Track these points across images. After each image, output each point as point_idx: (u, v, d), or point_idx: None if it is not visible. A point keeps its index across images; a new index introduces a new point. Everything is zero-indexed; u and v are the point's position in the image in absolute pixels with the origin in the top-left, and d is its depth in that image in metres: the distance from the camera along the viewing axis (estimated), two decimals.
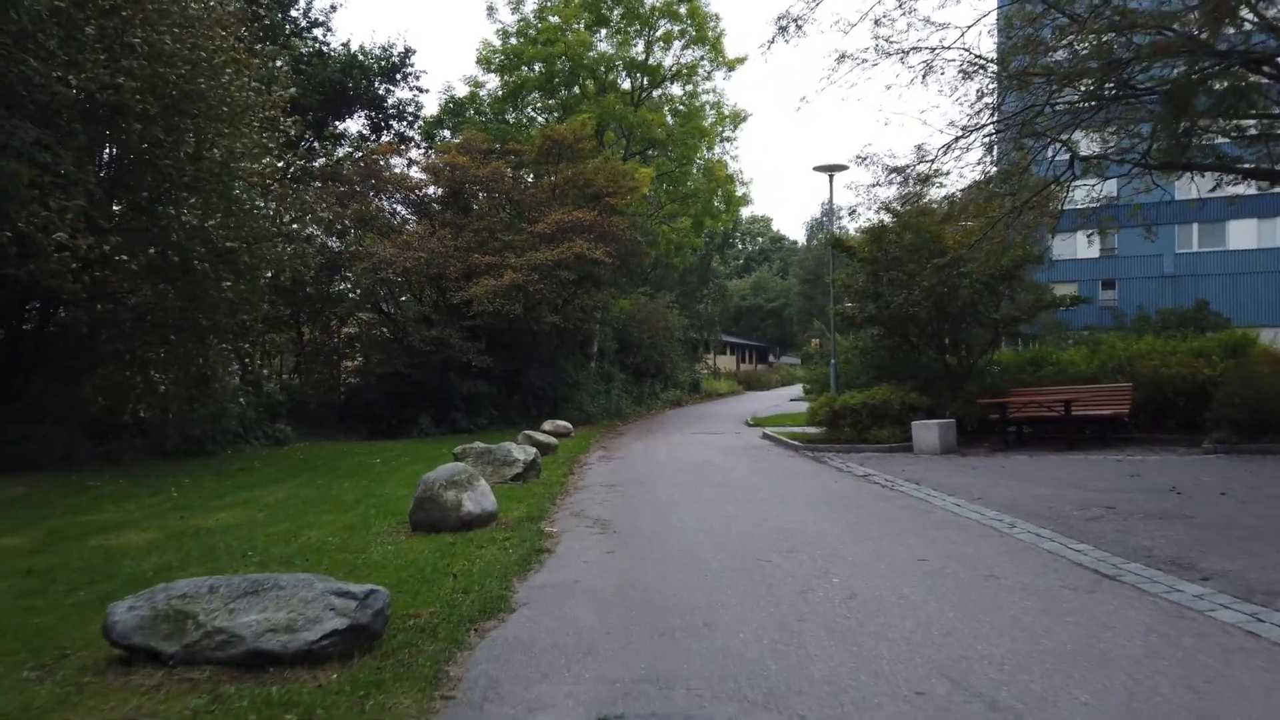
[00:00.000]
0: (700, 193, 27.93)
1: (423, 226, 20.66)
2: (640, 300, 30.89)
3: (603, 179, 21.25)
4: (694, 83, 26.98)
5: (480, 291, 18.30)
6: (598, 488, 10.02)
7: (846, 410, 13.43)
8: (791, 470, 11.32)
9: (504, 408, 21.31)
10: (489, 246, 19.70)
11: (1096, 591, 4.94)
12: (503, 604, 4.91)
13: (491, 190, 21.01)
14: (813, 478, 10.48)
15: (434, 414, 19.91)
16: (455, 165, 20.00)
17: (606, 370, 26.31)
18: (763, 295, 73.86)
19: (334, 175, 20.84)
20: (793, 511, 7.94)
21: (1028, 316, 13.82)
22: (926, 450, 12.38)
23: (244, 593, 4.05)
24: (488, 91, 26.30)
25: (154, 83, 11.71)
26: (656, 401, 29.45)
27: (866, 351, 15.33)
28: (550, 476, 10.72)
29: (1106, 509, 7.41)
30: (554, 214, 19.99)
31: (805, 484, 9.90)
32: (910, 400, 13.28)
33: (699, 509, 8.22)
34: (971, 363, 14.39)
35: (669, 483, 10.29)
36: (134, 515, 8.34)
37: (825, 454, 13.04)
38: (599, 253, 19.47)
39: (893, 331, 14.58)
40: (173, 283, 12.12)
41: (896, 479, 9.93)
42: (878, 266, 13.97)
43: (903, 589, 5.09)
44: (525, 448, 10.62)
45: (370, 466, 12.67)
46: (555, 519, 7.91)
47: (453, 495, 7.13)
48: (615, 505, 8.63)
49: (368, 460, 13.54)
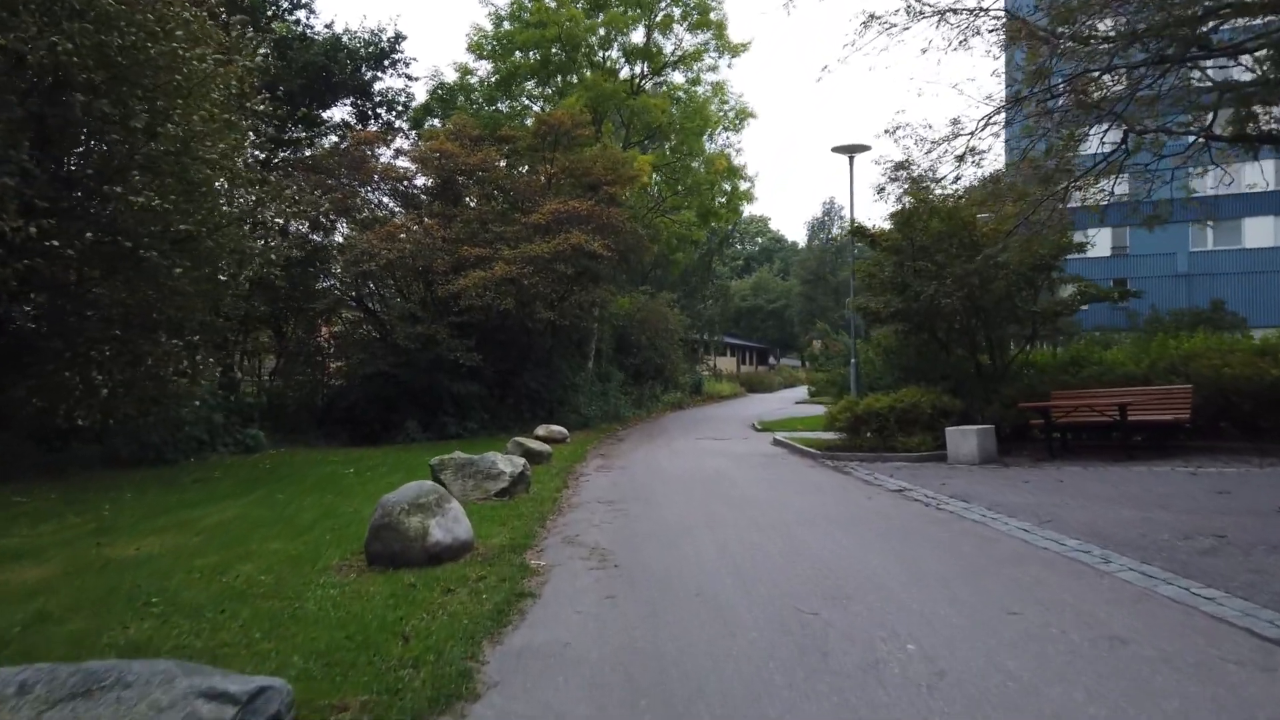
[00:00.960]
0: (703, 185, 26.62)
1: (409, 217, 19.33)
2: (640, 299, 29.58)
3: (601, 167, 19.93)
4: (696, 71, 25.70)
5: (470, 284, 16.98)
6: (595, 505, 8.71)
7: (871, 415, 12.13)
8: (815, 484, 10.01)
9: (496, 411, 19.99)
10: (480, 238, 18.38)
11: (1276, 669, 3.63)
12: (465, 685, 3.60)
13: (482, 179, 19.66)
14: (841, 493, 9.18)
15: (421, 418, 18.58)
16: (444, 153, 18.68)
17: (605, 371, 24.99)
18: (763, 296, 72.71)
19: (315, 166, 19.48)
20: (830, 539, 6.64)
21: (1070, 311, 12.52)
22: (964, 460, 11.08)
23: (71, 694, 2.74)
24: (479, 79, 24.98)
25: (100, 50, 10.42)
26: (657, 404, 28.12)
27: (891, 350, 14.01)
28: (541, 491, 9.41)
29: (1216, 538, 6.10)
30: (549, 204, 18.68)
31: (835, 501, 8.60)
32: (942, 404, 11.98)
33: (717, 535, 6.91)
34: (1006, 362, 13.10)
35: (677, 499, 8.98)
36: (44, 541, 7.01)
37: (848, 463, 11.74)
38: (597, 245, 18.16)
39: (919, 328, 13.27)
40: (117, 272, 10.80)
41: (939, 495, 8.63)
42: (904, 256, 12.66)
43: (1004, 661, 3.79)
44: (513, 458, 9.30)
45: (341, 478, 11.35)
46: (543, 547, 6.59)
47: (417, 522, 5.81)
48: (616, 529, 7.32)
49: (340, 470, 12.22)
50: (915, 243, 12.76)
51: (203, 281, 12.09)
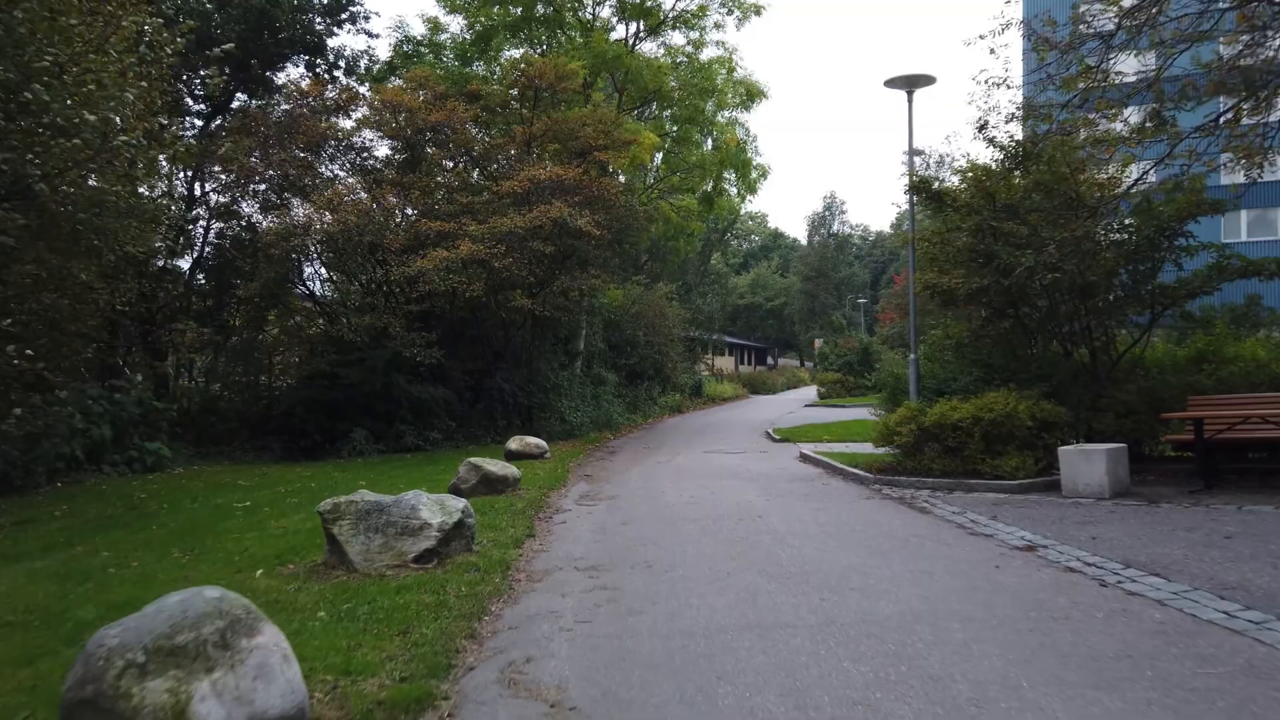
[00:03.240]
0: (708, 165, 23.51)
1: (356, 181, 16.15)
2: (636, 290, 26.45)
3: (591, 131, 16.78)
4: (700, 29, 22.58)
5: (429, 266, 13.85)
6: (568, 576, 5.60)
7: (945, 428, 9.03)
8: (893, 532, 6.91)
9: (465, 418, 16.87)
10: (442, 211, 15.23)
11: None
12: None
13: (448, 143, 16.50)
14: (942, 552, 6.08)
15: (372, 427, 15.46)
16: (398, 105, 15.51)
17: (595, 372, 21.85)
18: (762, 293, 69.70)
19: (250, 129, 16.18)
20: (1010, 692, 3.54)
21: (1206, 289, 9.46)
22: (1088, 492, 8.01)
23: None
24: (450, 36, 21.79)
25: None
26: (654, 408, 24.95)
27: (963, 343, 10.89)
28: (492, 547, 6.29)
29: None
30: (527, 169, 15.55)
31: (945, 572, 5.49)
32: (1043, 413, 8.91)
33: (780, 666, 3.80)
34: (1114, 359, 10.04)
35: (695, 566, 5.87)
36: None
37: (917, 493, 8.67)
38: (584, 221, 15.05)
39: (1000, 313, 10.18)
40: None
41: (1104, 561, 5.56)
42: (984, 218, 9.57)
43: None
44: (446, 502, 6.15)
45: (226, 516, 8.23)
46: (460, 706, 3.47)
47: (164, 691, 2.69)
48: (598, 643, 4.21)
49: (235, 502, 9.09)
50: (998, 200, 9.69)
51: (55, 255, 8.98)
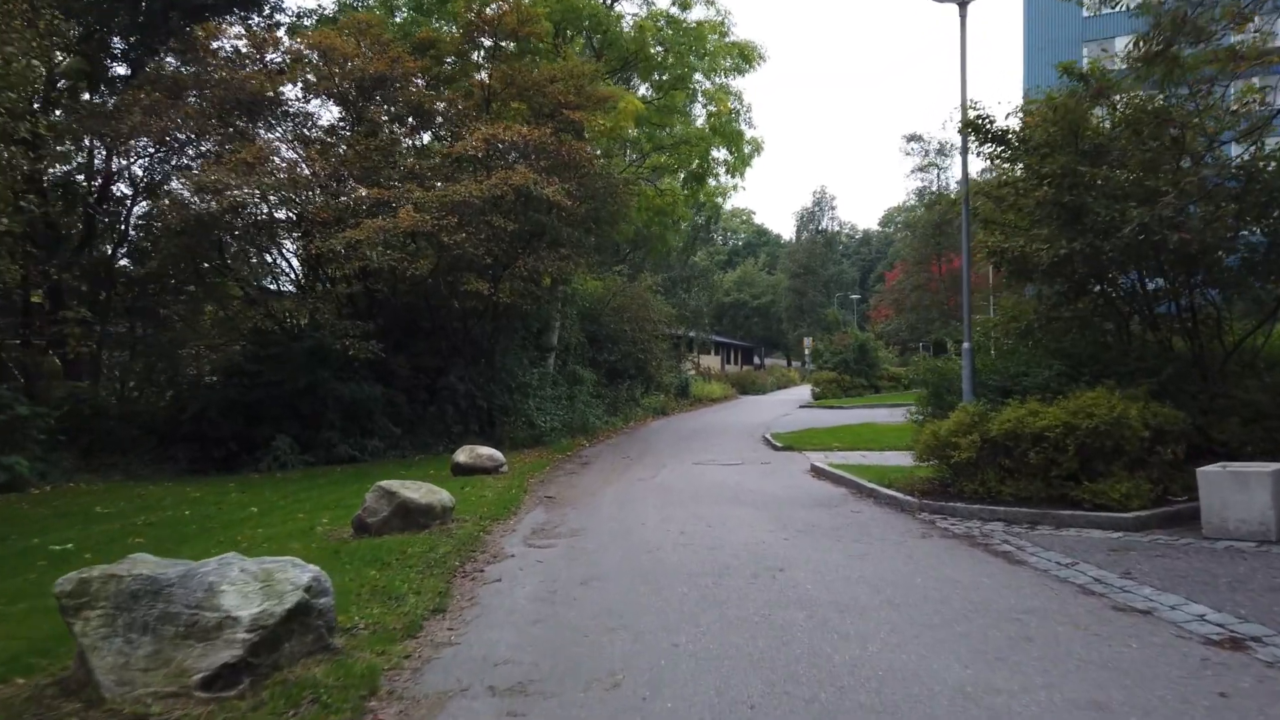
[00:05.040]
0: (695, 139, 21.10)
1: (281, 143, 13.57)
2: (617, 281, 24.01)
3: (562, 87, 14.31)
4: None
5: (361, 236, 11.32)
6: (474, 715, 3.18)
7: (1022, 438, 6.68)
8: (994, 606, 4.53)
9: (414, 424, 14.35)
10: (380, 175, 12.69)
11: None
12: None
13: (395, 98, 13.95)
14: (1095, 648, 3.71)
15: (299, 433, 12.92)
16: (328, 50, 12.95)
17: (571, 369, 19.39)
18: (748, 291, 67.43)
19: (173, 89, 13.58)
20: None
21: None
22: (1243, 532, 5.67)
23: None
24: None
25: None
26: (636, 410, 22.46)
27: (1032, 330, 8.39)
28: (358, 650, 3.85)
29: None
30: (485, 128, 13.06)
31: (1129, 705, 3.12)
32: (1160, 419, 6.59)
33: None
34: (1230, 348, 7.75)
35: (695, 684, 3.45)
36: None
37: (986, 526, 6.32)
38: (551, 190, 12.56)
39: (1080, 287, 7.83)
40: None
41: None
42: (1070, 162, 7.21)
43: None
44: (282, 573, 3.69)
45: (7, 572, 5.72)
46: None
47: None
48: None
49: (49, 544, 6.56)
50: (1082, 140, 7.35)
51: None
